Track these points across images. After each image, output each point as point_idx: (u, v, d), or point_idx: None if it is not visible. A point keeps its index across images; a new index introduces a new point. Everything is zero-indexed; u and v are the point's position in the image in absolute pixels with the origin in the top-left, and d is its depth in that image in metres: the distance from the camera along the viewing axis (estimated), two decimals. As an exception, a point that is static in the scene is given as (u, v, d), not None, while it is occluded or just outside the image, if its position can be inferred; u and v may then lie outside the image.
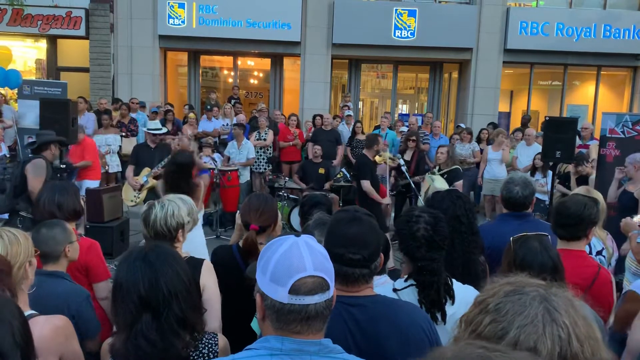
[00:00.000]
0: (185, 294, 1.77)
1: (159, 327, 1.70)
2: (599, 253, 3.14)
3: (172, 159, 4.11)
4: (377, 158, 6.93)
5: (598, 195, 3.28)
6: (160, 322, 1.70)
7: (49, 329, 1.89)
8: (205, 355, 1.82)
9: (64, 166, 6.12)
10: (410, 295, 1.98)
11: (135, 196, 6.58)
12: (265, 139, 9.61)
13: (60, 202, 2.98)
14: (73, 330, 2.08)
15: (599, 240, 3.21)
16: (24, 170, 4.84)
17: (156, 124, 6.98)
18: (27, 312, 1.73)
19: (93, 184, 7.50)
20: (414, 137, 8.08)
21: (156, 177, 6.47)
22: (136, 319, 1.70)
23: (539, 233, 2.20)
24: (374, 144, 6.56)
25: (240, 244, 2.69)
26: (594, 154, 7.82)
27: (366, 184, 6.36)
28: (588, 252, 3.02)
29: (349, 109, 11.22)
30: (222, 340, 1.90)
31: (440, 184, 6.29)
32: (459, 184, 6.49)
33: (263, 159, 9.63)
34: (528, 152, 8.80)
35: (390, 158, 7.46)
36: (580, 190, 3.46)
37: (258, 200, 2.79)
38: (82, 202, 3.17)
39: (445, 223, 2.07)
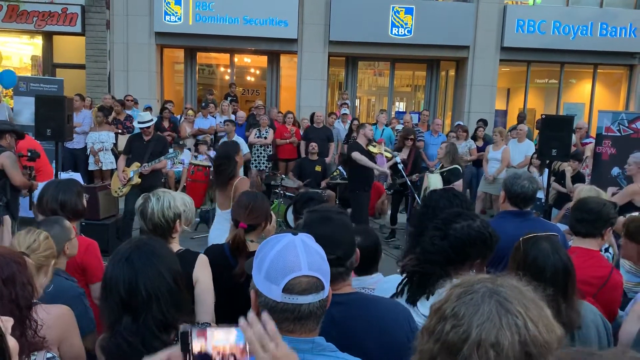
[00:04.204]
0: (167, 294, 1.73)
1: (138, 329, 1.69)
2: (606, 250, 3.17)
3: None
4: (372, 149, 6.91)
5: (604, 195, 3.32)
6: (139, 325, 1.69)
7: (49, 318, 1.90)
8: None
9: (30, 154, 6.03)
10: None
11: (119, 188, 6.55)
12: (266, 137, 9.59)
13: (64, 201, 2.97)
14: (74, 322, 2.08)
15: None
16: None
17: (144, 116, 6.70)
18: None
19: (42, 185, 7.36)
20: (411, 136, 8.03)
21: (140, 176, 6.45)
22: (117, 320, 1.69)
23: (550, 234, 2.16)
24: (360, 129, 7.04)
25: (230, 242, 2.66)
26: (587, 152, 7.86)
27: (355, 154, 6.75)
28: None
29: (347, 107, 11.19)
30: None
31: (436, 182, 6.22)
32: (458, 184, 6.25)
33: (264, 156, 9.61)
34: (520, 149, 8.81)
35: (386, 150, 7.45)
36: (586, 188, 3.50)
37: (248, 198, 2.77)
38: (84, 202, 3.14)
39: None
